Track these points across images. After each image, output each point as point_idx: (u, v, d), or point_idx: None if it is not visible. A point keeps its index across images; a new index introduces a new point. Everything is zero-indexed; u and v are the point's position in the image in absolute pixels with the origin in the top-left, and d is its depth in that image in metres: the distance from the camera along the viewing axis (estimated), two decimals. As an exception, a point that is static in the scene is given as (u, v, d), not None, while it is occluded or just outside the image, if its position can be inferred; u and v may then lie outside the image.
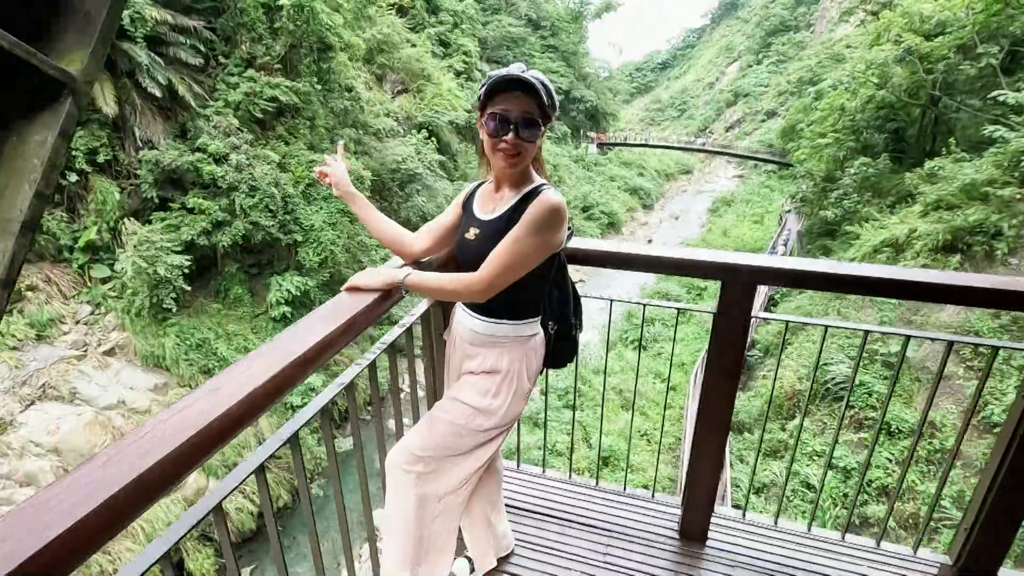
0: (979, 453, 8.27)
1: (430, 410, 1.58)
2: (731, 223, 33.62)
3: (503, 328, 1.52)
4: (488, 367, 1.52)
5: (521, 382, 1.53)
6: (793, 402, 11.18)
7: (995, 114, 12.21)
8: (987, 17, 12.90)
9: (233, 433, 0.84)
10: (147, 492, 0.69)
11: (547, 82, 1.41)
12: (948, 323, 9.93)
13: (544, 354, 1.63)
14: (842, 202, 16.52)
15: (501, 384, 1.51)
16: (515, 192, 1.48)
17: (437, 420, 1.51)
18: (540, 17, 39.50)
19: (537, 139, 1.42)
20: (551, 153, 32.27)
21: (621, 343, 18.57)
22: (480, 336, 1.54)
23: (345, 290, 1.38)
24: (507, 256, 1.36)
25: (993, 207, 10.41)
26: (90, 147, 12.34)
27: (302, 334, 1.08)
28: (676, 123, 69.84)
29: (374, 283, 1.39)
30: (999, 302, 1.60)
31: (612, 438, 13.02)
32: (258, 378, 0.91)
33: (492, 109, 1.37)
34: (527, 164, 1.45)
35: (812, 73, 34.67)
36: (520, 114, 1.36)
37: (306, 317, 1.16)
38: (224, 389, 0.88)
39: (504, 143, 1.38)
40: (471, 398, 1.51)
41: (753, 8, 74.98)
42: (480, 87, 1.38)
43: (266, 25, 15.64)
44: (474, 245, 1.48)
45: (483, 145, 1.45)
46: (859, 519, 8.62)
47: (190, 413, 0.80)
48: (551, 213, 1.37)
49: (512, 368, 1.51)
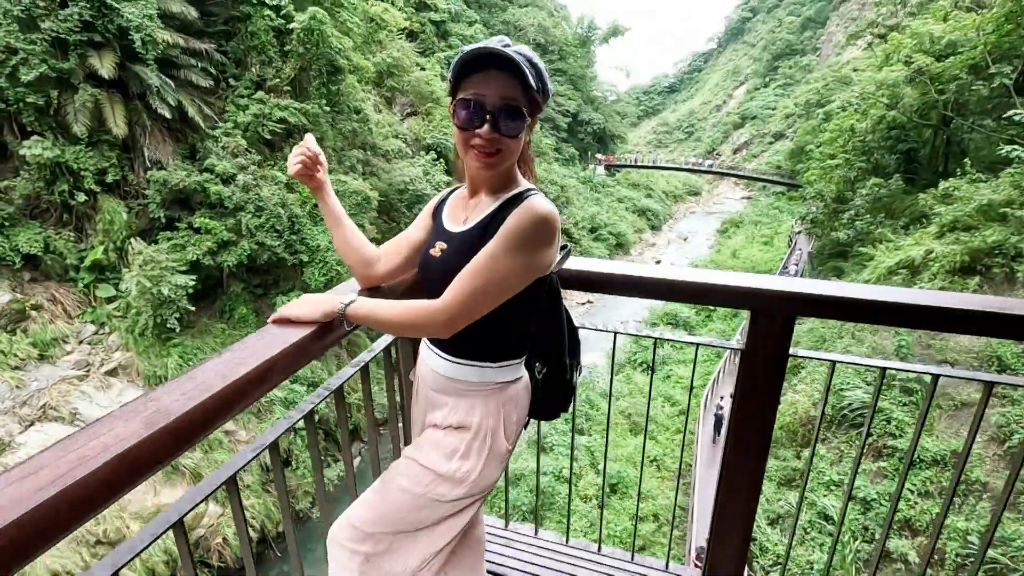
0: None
1: (384, 472, 1.26)
2: (740, 244, 33.37)
3: (475, 372, 1.21)
4: (455, 421, 1.21)
5: (496, 441, 1.21)
6: (808, 428, 10.83)
7: (1010, 134, 12.01)
8: (999, 38, 12.79)
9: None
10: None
11: (536, 59, 1.10)
12: (969, 348, 9.60)
13: (529, 403, 1.32)
14: (854, 223, 16.29)
15: (471, 443, 1.19)
16: (494, 198, 1.18)
17: (390, 486, 1.19)
18: (548, 42, 40.03)
19: (521, 133, 1.11)
20: (559, 175, 32.38)
21: (629, 365, 18.25)
22: (445, 381, 1.23)
23: (272, 322, 1.10)
24: (479, 278, 1.07)
25: (1012, 228, 10.15)
26: (99, 167, 12.42)
27: (180, 391, 0.77)
28: (684, 145, 70.15)
29: (308, 314, 1.10)
30: None
31: (620, 464, 12.65)
32: (79, 469, 0.61)
33: (464, 94, 1.08)
34: (509, 165, 1.15)
35: (820, 96, 34.76)
36: (499, 100, 1.06)
37: (207, 360, 0.88)
38: (46, 471, 0.60)
39: (478, 138, 1.08)
40: (433, 460, 1.19)
41: (759, 33, 75.82)
42: (450, 66, 1.09)
43: (276, 48, 15.87)
44: (439, 264, 1.20)
45: (456, 141, 1.15)
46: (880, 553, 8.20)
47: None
48: (538, 224, 1.07)
49: (485, 424, 1.20)
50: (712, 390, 14.86)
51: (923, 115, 15.71)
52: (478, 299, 1.08)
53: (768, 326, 1.41)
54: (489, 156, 1.10)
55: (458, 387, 1.22)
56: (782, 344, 1.41)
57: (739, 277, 1.41)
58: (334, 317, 1.12)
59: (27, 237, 11.82)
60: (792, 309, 1.39)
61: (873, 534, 8.61)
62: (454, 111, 1.11)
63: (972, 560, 7.36)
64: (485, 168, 1.12)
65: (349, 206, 15.52)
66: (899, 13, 23.50)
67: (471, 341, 1.19)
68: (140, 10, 12.09)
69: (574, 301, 25.37)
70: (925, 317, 1.28)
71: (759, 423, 1.50)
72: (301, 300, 1.15)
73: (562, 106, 39.20)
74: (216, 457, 11.55)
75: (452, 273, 1.09)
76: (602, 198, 37.10)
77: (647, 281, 1.49)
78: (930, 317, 1.27)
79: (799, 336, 13.31)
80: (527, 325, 1.25)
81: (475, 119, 1.07)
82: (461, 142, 1.12)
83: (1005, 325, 1.24)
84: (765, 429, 1.50)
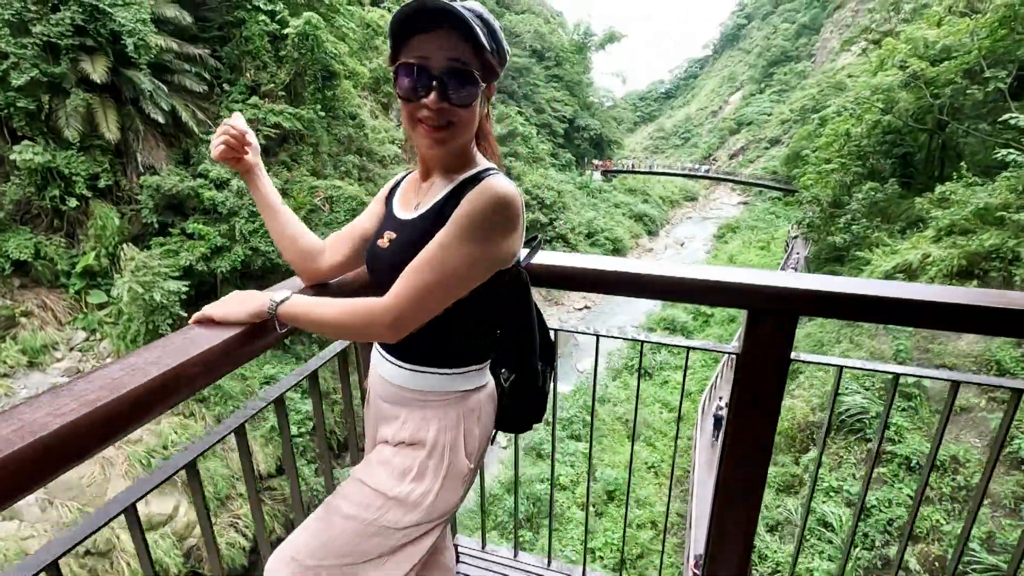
0: (1007, 491, 7.80)
1: (329, 495, 1.11)
2: (737, 249, 33.40)
3: (430, 380, 1.06)
4: (407, 437, 1.06)
5: (455, 459, 1.06)
6: (806, 434, 10.73)
7: (1006, 138, 12.02)
8: (993, 42, 12.82)
9: None
10: None
11: (488, 16, 0.95)
12: (968, 352, 9.54)
13: (495, 414, 1.17)
14: (850, 227, 16.28)
15: (426, 462, 1.04)
16: (448, 180, 1.04)
17: (335, 512, 1.04)
18: (545, 48, 40.16)
19: (475, 101, 0.96)
20: (555, 180, 32.37)
21: (627, 370, 18.15)
22: (396, 391, 1.09)
23: (194, 322, 0.97)
24: (429, 271, 0.93)
25: (1009, 232, 10.11)
26: (91, 172, 12.32)
27: (50, 408, 0.63)
28: (680, 151, 70.35)
29: (234, 313, 0.97)
30: None
31: (618, 471, 12.53)
32: None
33: (405, 58, 0.93)
34: (464, 140, 1.01)
35: (815, 101, 34.87)
36: (445, 63, 0.91)
37: (103, 368, 0.75)
38: None
39: (425, 109, 0.93)
40: (382, 481, 1.04)
41: (754, 39, 76.24)
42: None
43: (271, 53, 15.83)
44: (386, 256, 1.05)
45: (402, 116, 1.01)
46: (881, 561, 8.11)
47: None
48: (496, 207, 0.93)
49: (442, 439, 1.05)
50: (710, 395, 14.77)
51: (918, 119, 15.74)
52: (429, 296, 0.94)
53: (767, 327, 1.24)
54: (439, 130, 0.96)
55: (411, 397, 1.08)
56: (783, 347, 1.24)
57: (734, 272, 1.24)
58: (264, 317, 0.99)
59: (17, 243, 11.70)
60: (794, 308, 1.22)
61: (873, 540, 8.50)
62: (396, 79, 0.95)
63: (974, 567, 7.27)
64: (435, 145, 0.97)
65: (344, 211, 15.44)
66: (893, 19, 23.62)
67: (425, 344, 1.05)
68: (133, 14, 12.03)
69: (570, 307, 25.29)
70: (951, 315, 1.10)
71: (757, 435, 1.33)
72: (228, 298, 1.02)
73: (559, 112, 39.28)
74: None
75: (401, 266, 0.96)
76: (599, 204, 37.11)
77: (627, 277, 1.31)
78: (958, 315, 1.09)
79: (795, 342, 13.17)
80: (490, 325, 1.11)
81: (419, 87, 0.93)
82: (407, 116, 0.98)
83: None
84: (764, 442, 1.33)
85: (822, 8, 63.31)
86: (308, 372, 1.35)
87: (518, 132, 31.79)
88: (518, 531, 1.85)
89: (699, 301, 1.27)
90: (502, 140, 30.06)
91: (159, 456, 11.07)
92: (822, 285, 1.18)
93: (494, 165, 1.07)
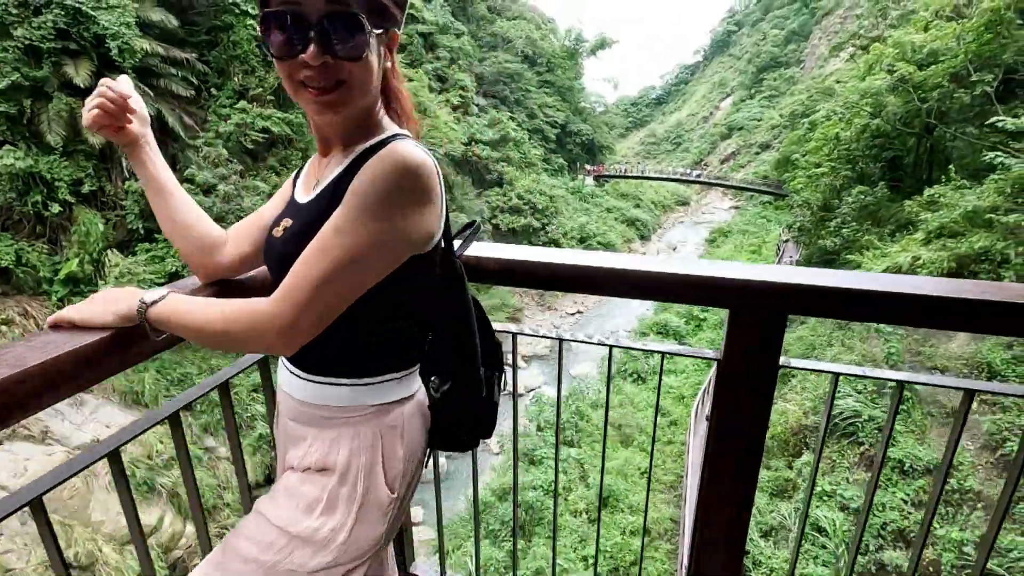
0: (1000, 492, 7.74)
1: (228, 534, 0.94)
2: (729, 253, 33.49)
3: (339, 393, 0.89)
4: (315, 461, 0.88)
5: (374, 486, 0.88)
6: (799, 438, 10.68)
7: (993, 141, 12.08)
8: (979, 46, 12.92)
9: None
10: None
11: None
12: (959, 354, 9.52)
13: (426, 430, 1.00)
14: (841, 231, 16.34)
15: (336, 491, 0.86)
16: (346, 153, 0.87)
17: (232, 554, 0.86)
18: (536, 53, 40.24)
19: (367, 53, 0.78)
20: (547, 185, 32.36)
21: (619, 375, 18.05)
22: (301, 407, 0.92)
23: (50, 326, 0.83)
24: (321, 262, 0.76)
25: (998, 234, 10.14)
26: (75, 178, 12.13)
27: None
28: (672, 156, 70.67)
29: (99, 316, 0.82)
30: None
31: (611, 477, 12.41)
32: None
33: (273, 6, 0.76)
34: (365, 103, 0.84)
35: (804, 107, 35.15)
36: (323, 7, 0.74)
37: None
38: None
39: (306, 68, 0.76)
40: (287, 515, 0.86)
41: (744, 45, 76.93)
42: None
43: (259, 58, 15.73)
44: (279, 247, 0.89)
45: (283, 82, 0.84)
46: (875, 565, 8.04)
47: None
48: (400, 176, 0.76)
49: (355, 463, 0.87)
50: (703, 400, 14.70)
51: (906, 123, 15.83)
52: (323, 292, 0.76)
53: (752, 328, 1.07)
54: (326, 92, 0.78)
55: (317, 414, 0.90)
56: (771, 351, 1.06)
57: (714, 266, 1.08)
58: (135, 321, 0.82)
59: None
60: (784, 305, 1.04)
61: (867, 545, 8.43)
62: (265, 33, 0.78)
63: (968, 571, 7.21)
64: (324, 110, 0.80)
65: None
66: (880, 25, 23.87)
67: (329, 350, 0.88)
68: (117, 18, 11.89)
69: (563, 311, 25.17)
70: (978, 312, 0.92)
71: (741, 454, 1.15)
72: (95, 296, 0.86)
73: (551, 117, 39.37)
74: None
75: (292, 259, 0.80)
76: (591, 208, 37.14)
77: (587, 272, 1.11)
78: (990, 312, 0.91)
79: (785, 345, 13.21)
80: (412, 325, 0.93)
81: (295, 40, 0.75)
82: (286, 78, 0.80)
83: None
84: (748, 466, 1.15)
85: (811, 15, 64.01)
86: (219, 382, 1.17)
87: (510, 137, 31.81)
88: (479, 556, 1.72)
89: (670, 299, 1.09)
90: (494, 145, 30.06)
91: (143, 466, 10.87)
92: (817, 279, 1.01)
93: (406, 132, 0.91)
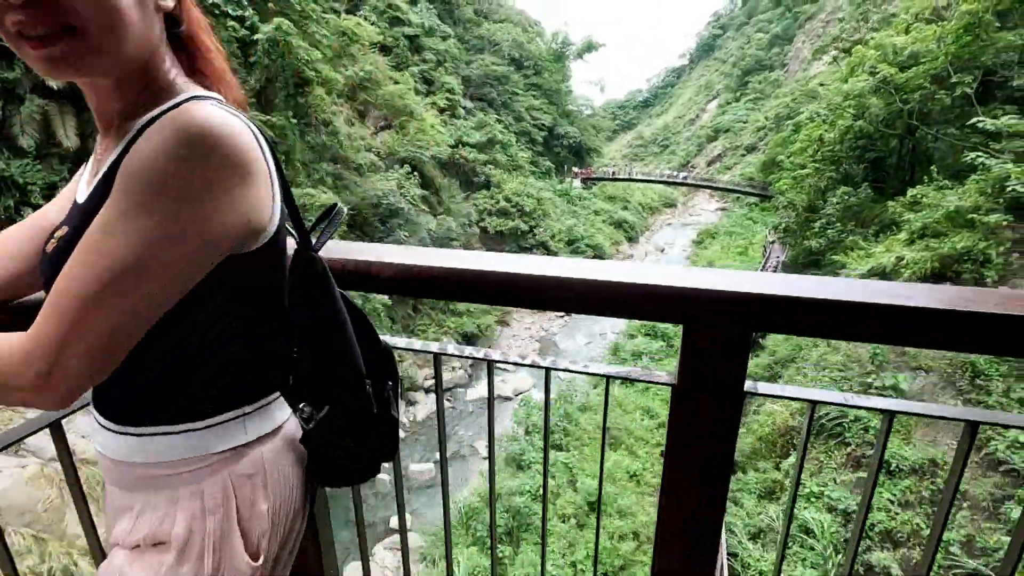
0: (984, 492, 7.77)
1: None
2: (716, 254, 33.66)
3: (167, 445, 0.68)
4: (144, 535, 0.68)
5: (228, 556, 0.68)
6: (787, 439, 10.66)
7: (974, 141, 12.20)
8: (959, 48, 13.06)
9: None
10: None
11: None
12: (943, 354, 9.55)
13: (303, 467, 0.80)
14: (826, 231, 16.45)
15: (176, 570, 0.66)
16: (127, 129, 0.66)
17: None
18: (523, 56, 40.24)
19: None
20: (534, 187, 32.30)
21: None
22: (120, 469, 0.71)
23: None
24: (86, 277, 0.56)
25: (979, 234, 10.22)
26: (48, 182, 11.82)
27: None
28: (659, 158, 71.09)
29: None
30: None
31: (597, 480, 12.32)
32: None
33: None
34: (126, 57, 0.61)
35: (789, 109, 35.57)
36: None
37: None
38: None
39: (12, 11, 0.54)
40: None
41: (729, 49, 77.66)
42: None
43: (241, 59, 15.49)
44: (49, 265, 0.67)
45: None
46: (863, 567, 8.00)
47: None
48: (184, 145, 0.56)
49: (199, 531, 0.67)
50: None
51: (889, 124, 15.98)
52: (94, 318, 0.55)
53: (710, 346, 0.88)
54: (47, 42, 0.55)
55: (142, 474, 0.69)
56: (732, 374, 0.89)
57: (665, 273, 0.88)
58: None
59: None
60: (746, 320, 0.85)
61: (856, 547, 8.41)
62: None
63: (955, 571, 7.19)
64: (55, 68, 0.57)
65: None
66: (862, 28, 24.18)
67: (142, 389, 0.67)
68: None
69: (551, 314, 25.09)
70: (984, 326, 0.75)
71: (697, 503, 0.97)
72: None
73: (538, 120, 39.37)
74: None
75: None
76: (579, 211, 37.16)
77: (509, 280, 0.90)
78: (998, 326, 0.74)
79: (771, 344, 13.19)
80: (256, 341, 0.72)
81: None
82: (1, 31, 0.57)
83: None
84: (709, 510, 0.97)
85: (794, 19, 64.80)
86: (51, 420, 0.99)
87: (497, 140, 31.75)
88: (451, 570, 1.55)
89: (609, 312, 0.89)
90: (481, 148, 29.96)
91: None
92: (785, 288, 0.82)
93: (214, 94, 0.70)
